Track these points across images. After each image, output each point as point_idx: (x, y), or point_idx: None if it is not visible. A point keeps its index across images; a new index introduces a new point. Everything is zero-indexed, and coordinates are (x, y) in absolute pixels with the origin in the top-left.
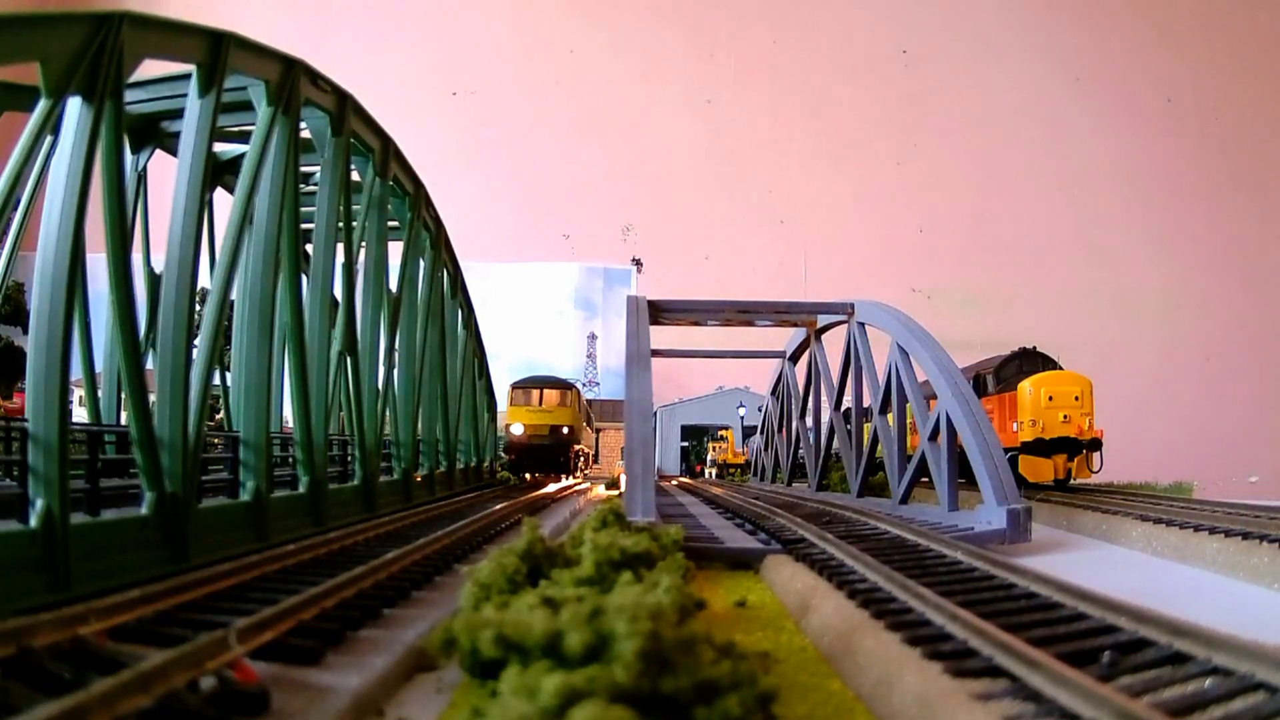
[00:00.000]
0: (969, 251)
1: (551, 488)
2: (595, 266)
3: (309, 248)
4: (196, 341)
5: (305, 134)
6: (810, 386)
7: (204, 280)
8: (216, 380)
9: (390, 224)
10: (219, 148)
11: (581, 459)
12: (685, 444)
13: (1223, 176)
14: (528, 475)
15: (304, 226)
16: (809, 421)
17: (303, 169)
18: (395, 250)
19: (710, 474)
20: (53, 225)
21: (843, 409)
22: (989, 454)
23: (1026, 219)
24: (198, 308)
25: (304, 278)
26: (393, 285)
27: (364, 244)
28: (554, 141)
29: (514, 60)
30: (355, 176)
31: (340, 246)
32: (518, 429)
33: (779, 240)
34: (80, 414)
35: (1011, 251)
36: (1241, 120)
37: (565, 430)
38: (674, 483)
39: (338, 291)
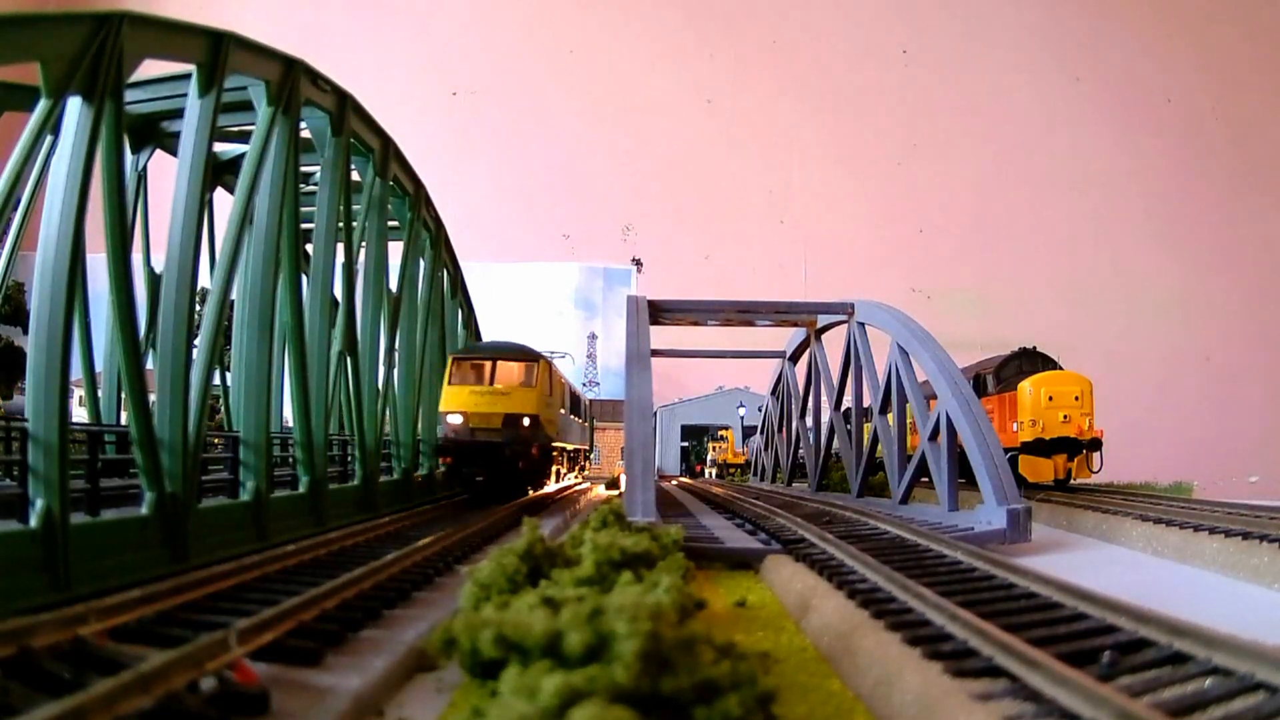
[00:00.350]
0: (969, 251)
1: (549, 488)
2: (595, 266)
3: (309, 248)
4: (196, 341)
5: (305, 134)
6: (810, 386)
7: (204, 280)
8: (216, 380)
9: (390, 224)
10: (219, 148)
11: (565, 462)
12: (685, 444)
13: (1223, 176)
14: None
15: (304, 226)
16: (809, 421)
17: (303, 169)
18: (395, 250)
19: (710, 474)
20: (53, 225)
21: (843, 409)
22: (989, 454)
23: (1026, 219)
24: (198, 308)
25: (304, 278)
26: (393, 285)
27: (364, 244)
28: (554, 141)
29: (514, 60)
30: (355, 176)
31: (340, 246)
32: (455, 419)
33: (779, 240)
34: (80, 414)
35: (1012, 252)
36: (1241, 120)
37: (527, 422)
38: (674, 483)
39: (338, 291)
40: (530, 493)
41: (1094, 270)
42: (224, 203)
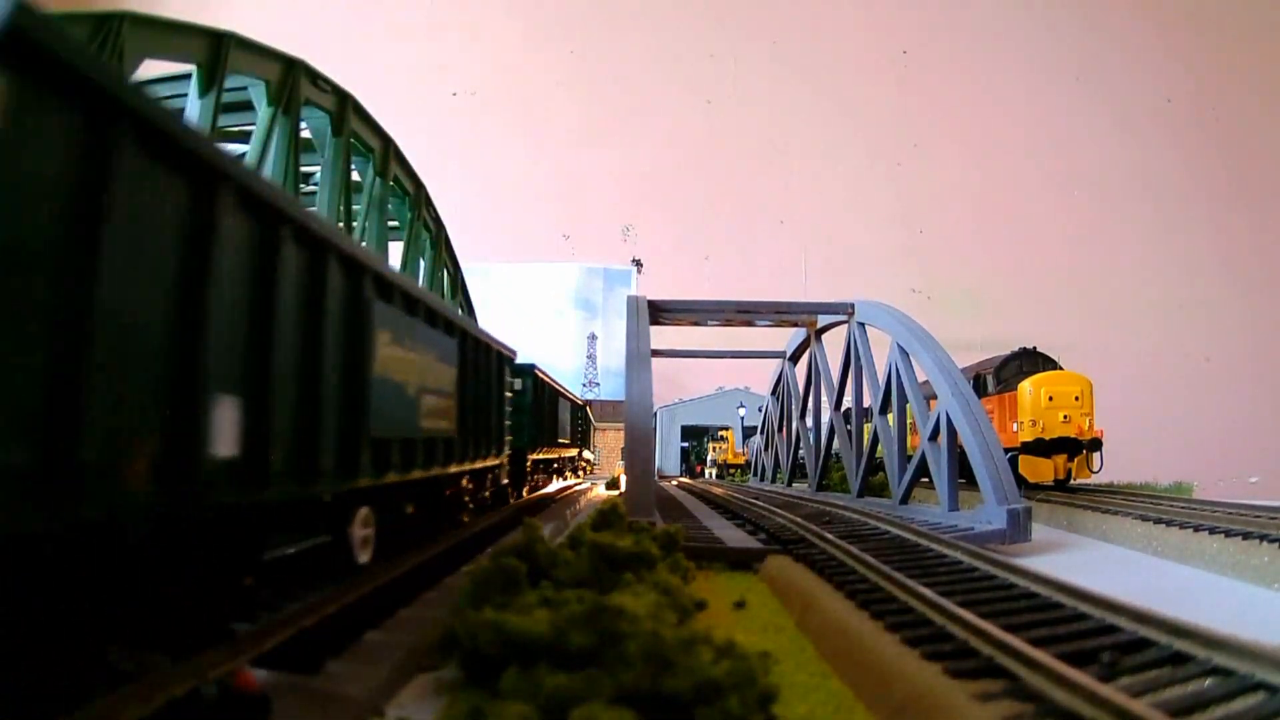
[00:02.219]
0: (969, 251)
1: (552, 486)
2: (595, 266)
3: None
4: None
5: (305, 134)
6: (810, 386)
7: None
8: None
9: (390, 224)
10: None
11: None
12: (685, 444)
13: (1222, 176)
14: None
15: None
16: (809, 421)
17: (303, 169)
18: (395, 250)
19: (710, 474)
20: None
21: (843, 409)
22: (989, 454)
23: (1026, 219)
24: None
25: None
26: None
27: (364, 244)
28: (554, 141)
29: (514, 60)
30: (355, 176)
31: None
32: None
33: (779, 240)
34: None
35: (1011, 252)
36: (1241, 120)
37: None
38: (674, 483)
39: None
40: None
41: (1094, 270)
42: None
